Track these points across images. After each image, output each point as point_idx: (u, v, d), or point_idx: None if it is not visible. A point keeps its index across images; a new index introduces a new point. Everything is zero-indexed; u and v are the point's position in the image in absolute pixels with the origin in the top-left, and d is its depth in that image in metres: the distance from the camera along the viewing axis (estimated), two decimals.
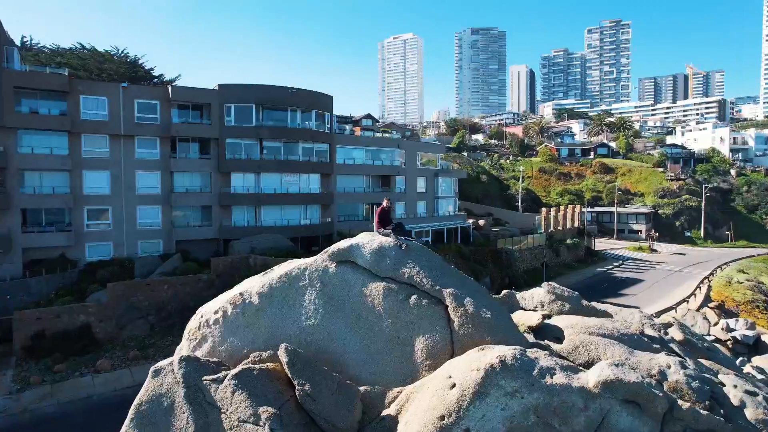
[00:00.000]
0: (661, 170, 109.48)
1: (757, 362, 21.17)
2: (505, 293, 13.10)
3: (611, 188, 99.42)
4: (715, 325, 34.67)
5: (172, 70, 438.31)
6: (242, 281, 11.05)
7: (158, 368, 9.14)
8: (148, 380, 8.97)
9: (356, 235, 10.97)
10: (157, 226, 43.35)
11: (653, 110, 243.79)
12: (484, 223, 70.08)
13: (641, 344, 10.84)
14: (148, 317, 31.37)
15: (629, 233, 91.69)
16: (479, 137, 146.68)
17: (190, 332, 10.88)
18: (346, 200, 53.70)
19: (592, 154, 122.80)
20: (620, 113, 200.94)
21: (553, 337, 10.87)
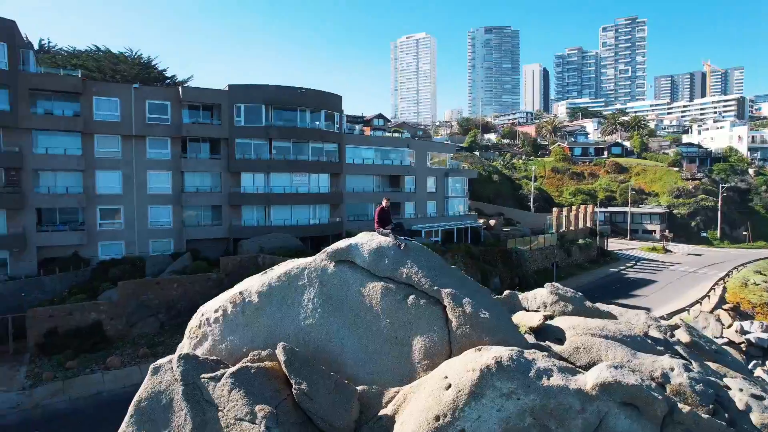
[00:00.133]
0: (676, 170, 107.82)
1: None
2: (507, 293, 12.99)
3: (625, 188, 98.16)
4: (728, 327, 34.02)
5: (184, 70, 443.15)
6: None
7: (158, 366, 9.23)
8: (147, 377, 9.07)
9: None
10: (168, 225, 43.80)
11: (669, 109, 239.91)
12: (494, 223, 69.65)
13: (645, 346, 10.66)
14: (158, 315, 31.69)
15: (643, 233, 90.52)
16: (492, 137, 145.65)
17: (191, 330, 10.98)
18: (355, 200, 53.73)
19: (605, 153, 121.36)
20: (635, 112, 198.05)
21: (554, 338, 10.75)
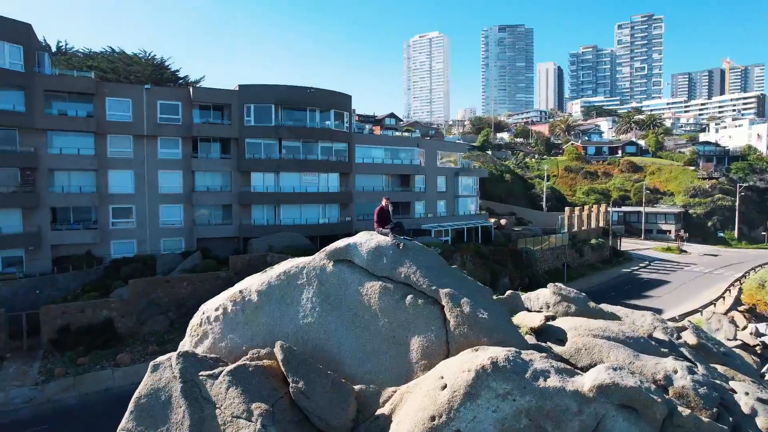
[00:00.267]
0: (692, 169, 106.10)
1: None
2: (509, 293, 12.89)
3: (639, 187, 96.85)
4: (743, 329, 33.18)
5: (197, 71, 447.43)
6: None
7: (157, 363, 9.28)
8: (147, 374, 9.12)
9: None
10: (179, 224, 44.26)
11: (686, 107, 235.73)
12: (505, 222, 69.21)
13: (648, 348, 10.50)
14: (168, 313, 32.03)
15: (658, 233, 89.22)
16: (504, 136, 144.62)
17: (192, 328, 11.04)
18: (365, 199, 53.71)
19: (619, 152, 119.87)
20: (651, 110, 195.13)
21: (555, 339, 10.63)
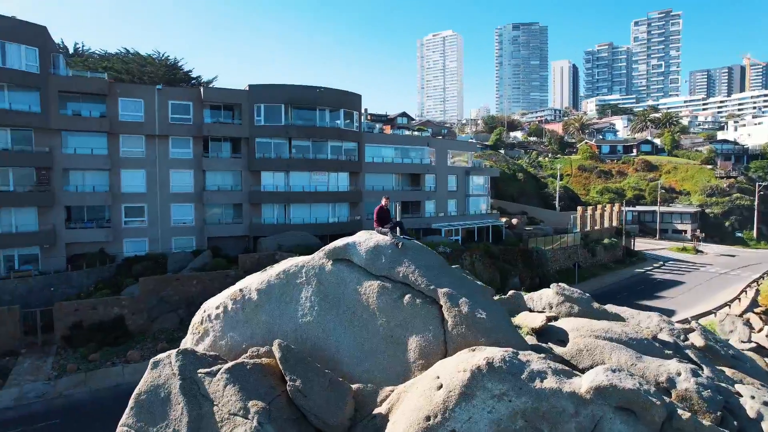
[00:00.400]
0: (709, 167, 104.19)
1: None
2: (511, 294, 12.80)
3: (654, 186, 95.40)
4: (759, 331, 32.62)
5: (210, 71, 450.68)
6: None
7: (157, 360, 9.37)
8: (147, 371, 9.20)
9: None
10: (190, 223, 44.74)
11: (705, 104, 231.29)
12: (517, 222, 68.70)
13: (652, 350, 10.34)
14: (177, 311, 32.38)
15: (673, 233, 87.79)
16: (518, 134, 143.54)
17: (194, 326, 11.14)
18: (375, 198, 53.64)
19: (634, 151, 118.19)
20: (668, 108, 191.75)
21: (557, 339, 10.53)
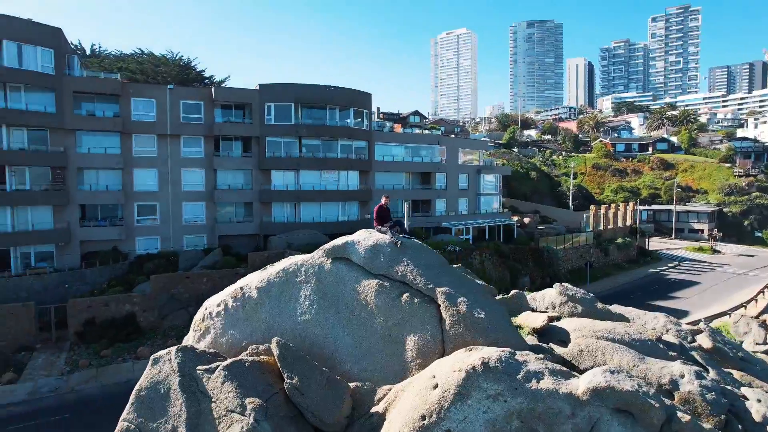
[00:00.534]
0: (728, 166, 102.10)
1: None
2: (513, 293, 12.70)
3: (670, 185, 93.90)
4: None
5: (223, 70, 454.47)
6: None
7: (157, 357, 9.46)
8: (148, 367, 9.29)
9: None
10: (201, 221, 45.22)
11: (724, 101, 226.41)
12: (529, 221, 68.17)
13: (655, 351, 10.17)
14: (188, 308, 32.74)
15: (689, 233, 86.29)
16: (532, 133, 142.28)
17: (195, 323, 11.22)
18: None
19: (650, 149, 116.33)
20: (686, 106, 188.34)
21: (558, 340, 10.42)
